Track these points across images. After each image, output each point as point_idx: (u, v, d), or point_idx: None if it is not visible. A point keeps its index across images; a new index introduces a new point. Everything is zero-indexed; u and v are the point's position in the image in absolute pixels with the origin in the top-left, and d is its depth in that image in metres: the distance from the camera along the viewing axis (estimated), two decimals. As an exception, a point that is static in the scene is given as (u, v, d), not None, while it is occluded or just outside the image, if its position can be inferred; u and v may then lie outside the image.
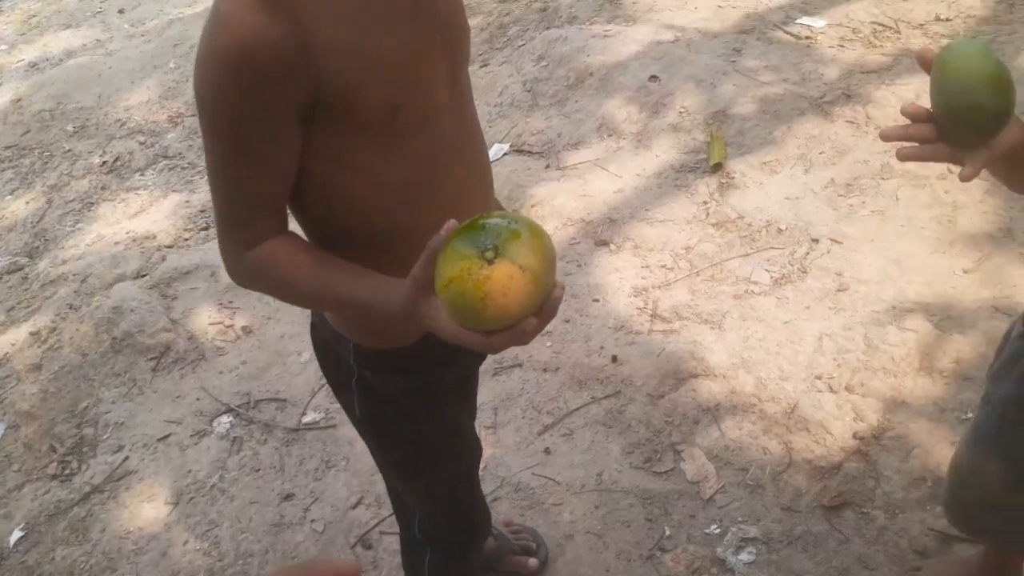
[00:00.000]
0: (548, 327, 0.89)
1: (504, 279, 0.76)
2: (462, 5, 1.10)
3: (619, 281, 2.51)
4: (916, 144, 0.90)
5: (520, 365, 2.33)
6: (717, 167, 2.72)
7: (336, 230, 1.05)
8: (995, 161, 0.89)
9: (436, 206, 1.03)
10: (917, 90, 2.80)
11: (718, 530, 1.91)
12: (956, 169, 0.90)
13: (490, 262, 0.76)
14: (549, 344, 2.36)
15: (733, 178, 2.69)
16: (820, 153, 2.68)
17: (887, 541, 1.81)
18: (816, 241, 2.42)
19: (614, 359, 2.28)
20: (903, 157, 0.91)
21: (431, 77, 1.00)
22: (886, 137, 0.91)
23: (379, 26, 0.93)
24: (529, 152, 3.10)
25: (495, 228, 0.78)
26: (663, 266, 2.52)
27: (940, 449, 1.92)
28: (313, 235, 1.08)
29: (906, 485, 1.88)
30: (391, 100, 0.95)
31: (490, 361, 2.36)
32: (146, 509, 2.21)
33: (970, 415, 1.95)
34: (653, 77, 3.12)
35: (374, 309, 0.93)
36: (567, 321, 2.41)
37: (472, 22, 4.09)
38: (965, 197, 2.41)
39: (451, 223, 0.80)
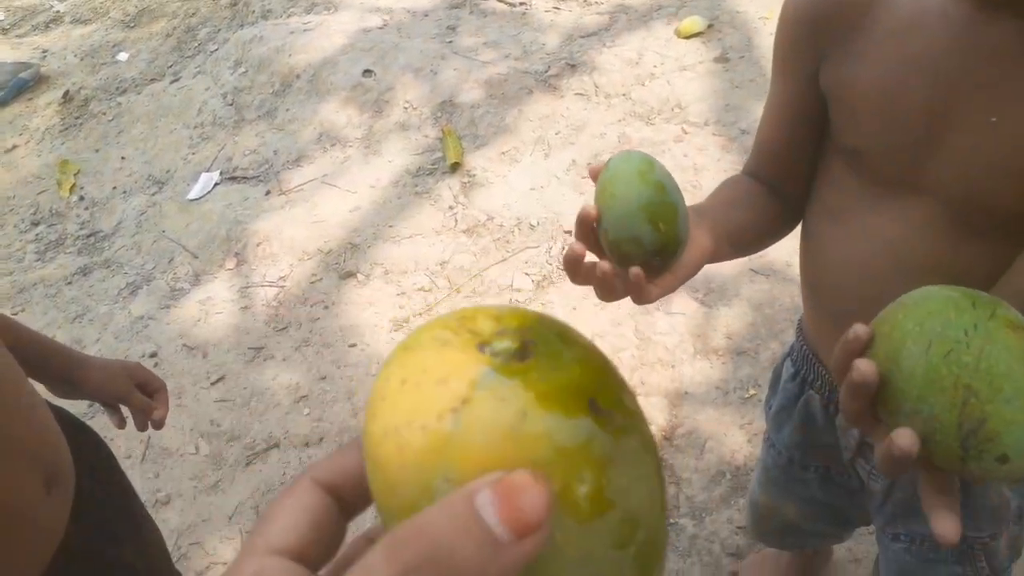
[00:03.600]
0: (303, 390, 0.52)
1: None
2: None
3: (375, 317, 2.22)
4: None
5: (277, 445, 1.99)
6: (455, 167, 2.49)
7: None
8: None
9: None
10: (639, 49, 2.73)
11: None
12: (692, 130, 0.72)
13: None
14: (307, 412, 2.03)
15: (474, 175, 2.47)
16: (556, 133, 2.53)
17: (700, 550, 1.72)
18: (569, 233, 2.27)
19: (384, 412, 2.01)
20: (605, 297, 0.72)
21: None
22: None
23: None
24: (244, 178, 2.69)
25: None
26: (420, 289, 2.27)
27: (731, 436, 1.85)
28: None
29: (706, 484, 1.80)
30: None
31: (240, 449, 2.00)
32: None
33: (752, 392, 1.90)
34: (367, 71, 2.80)
35: None
36: (323, 379, 2.09)
37: (154, 28, 3.54)
38: (703, 158, 2.36)
39: None
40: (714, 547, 1.71)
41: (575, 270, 0.70)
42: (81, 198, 2.81)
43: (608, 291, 0.70)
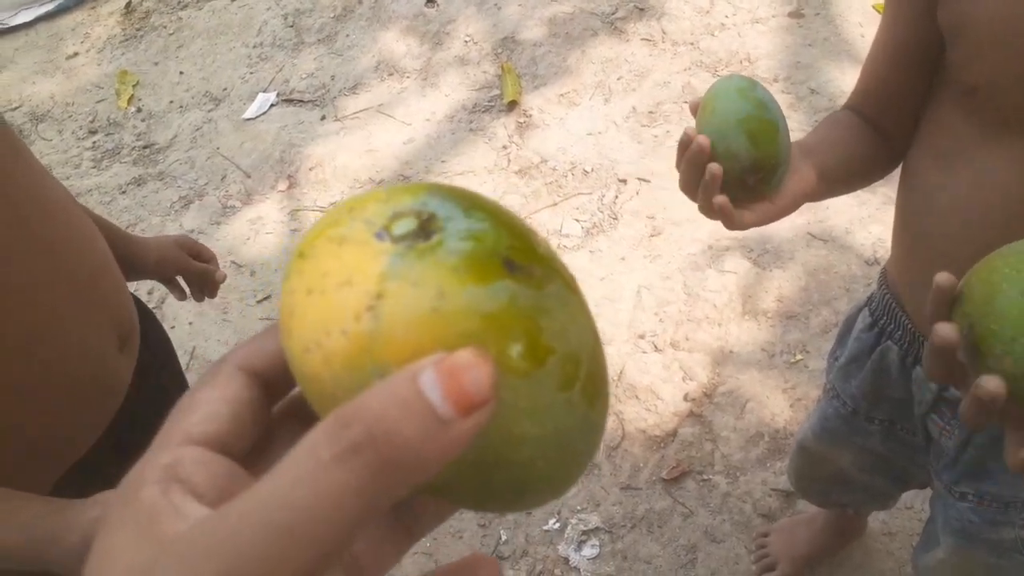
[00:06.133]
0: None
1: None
2: None
3: (420, 249, 2.21)
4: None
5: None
6: (512, 105, 2.44)
7: None
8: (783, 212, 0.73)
9: None
10: (710, -2, 2.63)
11: (557, 524, 1.73)
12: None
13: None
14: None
15: (531, 116, 2.43)
16: (619, 79, 2.46)
17: (732, 508, 1.71)
18: (624, 182, 2.22)
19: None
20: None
21: None
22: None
23: None
24: (300, 101, 2.67)
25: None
26: (467, 225, 2.25)
27: (773, 399, 1.82)
28: None
29: (744, 444, 1.78)
30: None
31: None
32: None
33: (799, 357, 1.87)
34: (430, 2, 2.75)
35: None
36: (366, 306, 2.10)
37: (216, -56, 3.48)
38: (768, 115, 2.28)
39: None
40: (746, 507, 1.70)
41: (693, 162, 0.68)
42: (139, 110, 2.82)
43: (707, 205, 0.69)
